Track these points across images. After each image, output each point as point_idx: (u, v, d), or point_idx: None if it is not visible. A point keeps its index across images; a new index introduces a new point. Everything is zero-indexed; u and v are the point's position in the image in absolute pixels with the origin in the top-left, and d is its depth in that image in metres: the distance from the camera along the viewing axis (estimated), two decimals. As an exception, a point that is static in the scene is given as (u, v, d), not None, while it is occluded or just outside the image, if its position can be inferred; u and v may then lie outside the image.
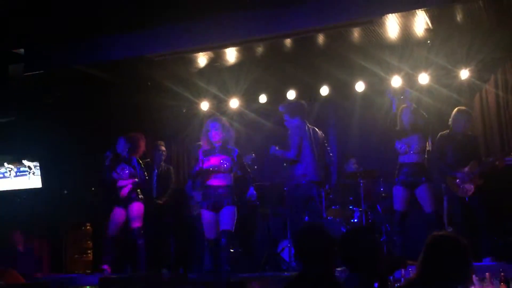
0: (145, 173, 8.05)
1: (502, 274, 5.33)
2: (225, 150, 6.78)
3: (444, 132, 7.42)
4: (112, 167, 7.92)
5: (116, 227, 7.91)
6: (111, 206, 8.00)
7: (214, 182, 6.76)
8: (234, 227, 6.73)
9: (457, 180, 7.14)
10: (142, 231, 7.88)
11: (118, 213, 7.93)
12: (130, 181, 7.92)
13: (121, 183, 7.93)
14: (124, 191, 7.91)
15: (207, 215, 6.82)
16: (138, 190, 7.98)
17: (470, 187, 7.08)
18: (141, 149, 8.18)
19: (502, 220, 7.47)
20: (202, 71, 9.33)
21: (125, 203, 7.90)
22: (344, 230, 7.67)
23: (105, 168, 7.92)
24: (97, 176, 8.47)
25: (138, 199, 7.92)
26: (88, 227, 9.26)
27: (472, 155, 7.22)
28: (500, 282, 5.27)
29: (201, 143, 7.04)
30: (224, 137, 6.80)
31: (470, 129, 7.63)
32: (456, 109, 7.42)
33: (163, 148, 9.01)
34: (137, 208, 7.91)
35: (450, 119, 7.37)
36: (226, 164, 6.70)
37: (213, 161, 6.72)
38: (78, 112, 9.43)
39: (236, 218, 6.77)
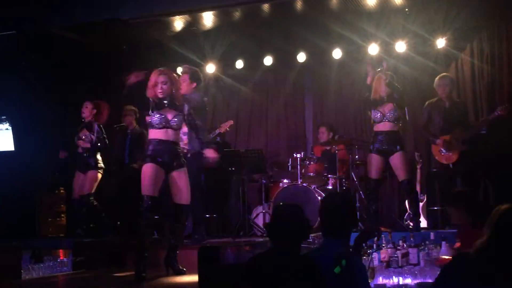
0: (106, 140, 8.11)
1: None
2: (174, 105, 6.12)
3: (432, 99, 7.47)
4: (77, 132, 8.03)
5: (78, 192, 8.07)
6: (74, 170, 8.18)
7: (162, 137, 6.04)
8: (190, 196, 6.22)
9: (441, 148, 7.22)
10: (91, 199, 7.98)
11: (79, 178, 8.09)
12: (90, 147, 7.97)
13: (83, 148, 8.01)
14: (84, 157, 8.01)
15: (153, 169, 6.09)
16: (99, 158, 8.04)
17: (454, 154, 7.16)
18: (103, 117, 8.15)
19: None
20: (178, 35, 9.21)
21: (84, 168, 8.01)
22: (319, 198, 7.71)
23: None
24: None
25: (94, 167, 7.98)
26: (61, 191, 9.22)
27: (460, 122, 7.29)
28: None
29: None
30: (173, 92, 6.12)
31: (455, 94, 7.70)
32: (437, 77, 7.48)
33: (131, 112, 8.86)
34: (90, 176, 8.00)
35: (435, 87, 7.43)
36: (175, 120, 6.06)
37: (162, 115, 6.02)
38: (52, 74, 9.29)
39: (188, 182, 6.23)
